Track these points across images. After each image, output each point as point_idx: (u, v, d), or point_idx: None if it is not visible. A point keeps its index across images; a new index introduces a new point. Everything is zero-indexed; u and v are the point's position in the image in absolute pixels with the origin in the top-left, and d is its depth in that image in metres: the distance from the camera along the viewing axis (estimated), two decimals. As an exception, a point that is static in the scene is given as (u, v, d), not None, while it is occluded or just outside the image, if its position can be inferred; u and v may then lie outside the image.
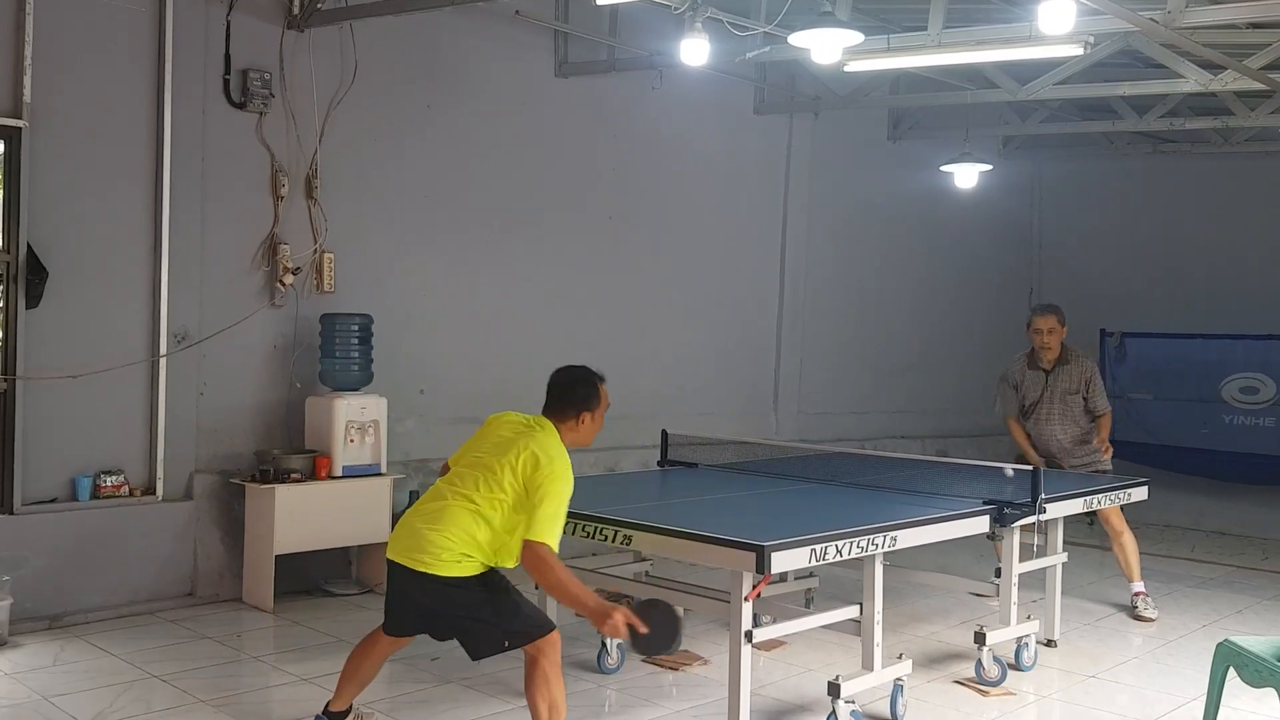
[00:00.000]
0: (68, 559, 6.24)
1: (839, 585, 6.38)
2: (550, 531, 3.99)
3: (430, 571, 4.08)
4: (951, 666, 5.88)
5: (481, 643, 4.22)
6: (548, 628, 4.22)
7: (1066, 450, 7.25)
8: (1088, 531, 9.84)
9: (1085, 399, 7.21)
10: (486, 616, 4.15)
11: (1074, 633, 6.64)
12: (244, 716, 4.98)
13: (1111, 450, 7.22)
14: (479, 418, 7.99)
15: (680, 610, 4.06)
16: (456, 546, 4.08)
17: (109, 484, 6.43)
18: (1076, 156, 12.16)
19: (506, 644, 4.18)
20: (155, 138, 6.60)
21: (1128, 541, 7.12)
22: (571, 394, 4.36)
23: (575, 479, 4.32)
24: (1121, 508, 6.92)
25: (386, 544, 6.97)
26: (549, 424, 4.32)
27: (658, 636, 3.96)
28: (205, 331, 6.77)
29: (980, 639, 5.54)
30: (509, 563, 4.17)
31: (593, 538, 4.71)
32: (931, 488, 5.67)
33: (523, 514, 4.04)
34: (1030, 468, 5.71)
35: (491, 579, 4.19)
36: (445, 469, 4.52)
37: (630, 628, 3.91)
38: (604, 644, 5.57)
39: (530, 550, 3.97)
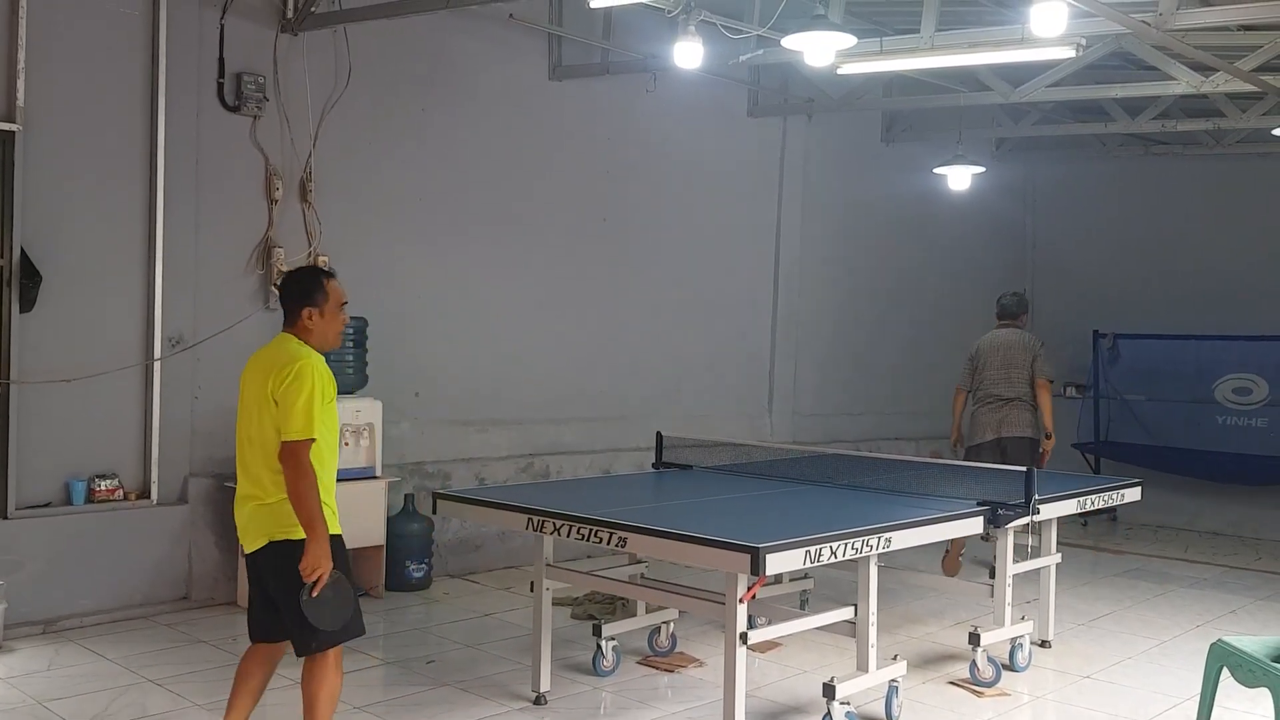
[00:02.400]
0: (62, 563, 6.23)
1: (834, 586, 6.39)
2: (306, 426, 3.83)
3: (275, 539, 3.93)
4: (946, 667, 5.89)
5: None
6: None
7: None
8: (1081, 532, 9.88)
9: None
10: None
11: (1068, 633, 6.66)
12: (239, 720, 4.97)
13: None
14: (474, 420, 8.15)
15: (351, 609, 3.90)
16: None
17: (103, 488, 6.42)
18: (1069, 158, 12.19)
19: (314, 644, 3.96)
20: (149, 141, 6.59)
21: None
22: (290, 293, 4.12)
23: (570, 480, 4.29)
24: (1115, 508, 6.97)
25: (377, 547, 7.07)
26: (289, 337, 4.10)
27: (324, 610, 3.82)
28: (200, 335, 6.77)
29: (975, 640, 5.56)
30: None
31: (588, 540, 4.71)
32: (925, 489, 5.68)
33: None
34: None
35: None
36: None
37: (313, 587, 3.79)
38: (599, 647, 5.57)
39: (286, 450, 3.83)
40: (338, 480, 6.76)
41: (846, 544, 4.48)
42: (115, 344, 6.52)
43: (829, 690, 4.70)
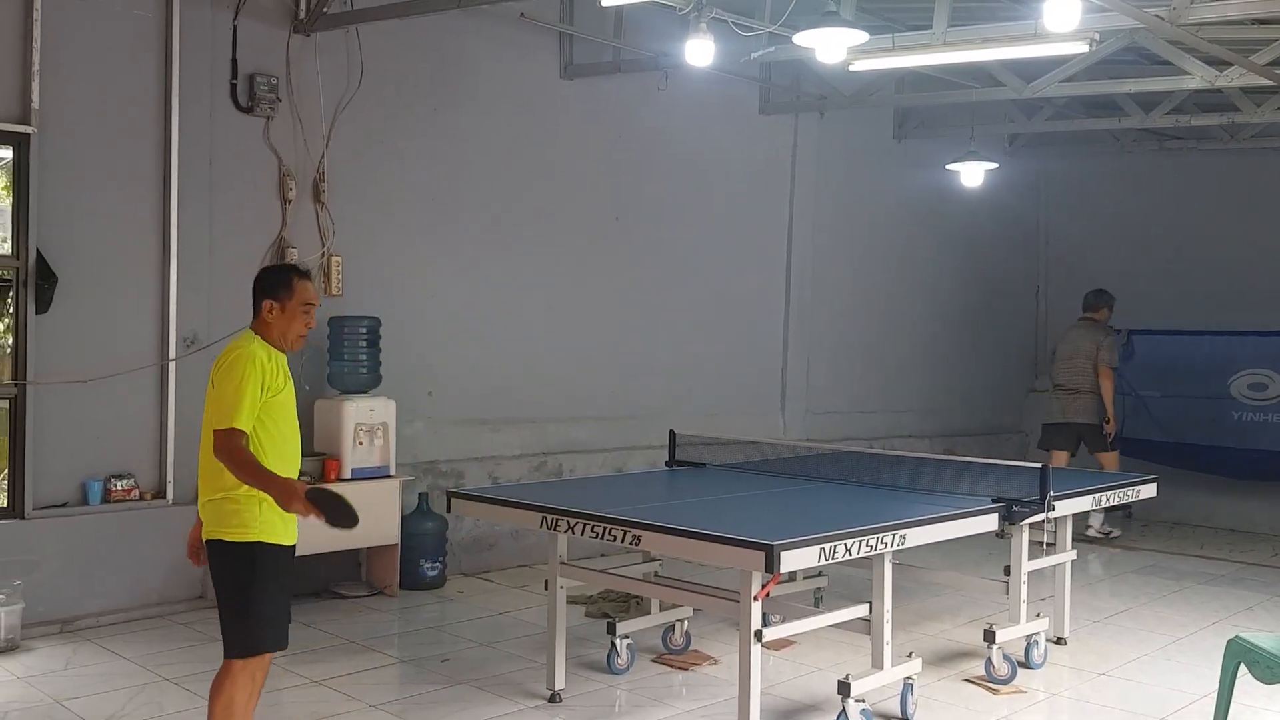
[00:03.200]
0: (79, 563, 6.26)
1: (848, 584, 6.38)
2: (232, 416, 3.80)
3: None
4: (961, 665, 5.88)
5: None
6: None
7: None
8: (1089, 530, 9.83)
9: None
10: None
11: (1084, 630, 6.63)
12: (255, 719, 4.98)
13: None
14: (487, 419, 8.16)
15: (345, 501, 3.85)
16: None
17: (119, 488, 6.45)
18: (1082, 154, 12.13)
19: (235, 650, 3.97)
20: (163, 142, 6.62)
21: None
22: (256, 285, 4.10)
23: (584, 479, 4.28)
24: (1131, 505, 7.02)
25: (391, 546, 7.08)
26: (247, 330, 4.07)
27: (338, 516, 3.81)
28: (214, 335, 6.78)
29: (990, 637, 5.55)
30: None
31: (601, 538, 4.71)
32: (939, 486, 5.67)
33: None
34: None
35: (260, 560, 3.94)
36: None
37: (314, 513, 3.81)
38: (613, 645, 5.58)
39: (218, 439, 3.81)
40: (353, 479, 6.93)
41: (861, 541, 4.48)
42: (130, 345, 6.55)
43: (844, 688, 4.69)
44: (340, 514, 3.80)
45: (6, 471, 6.23)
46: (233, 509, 3.88)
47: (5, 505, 6.20)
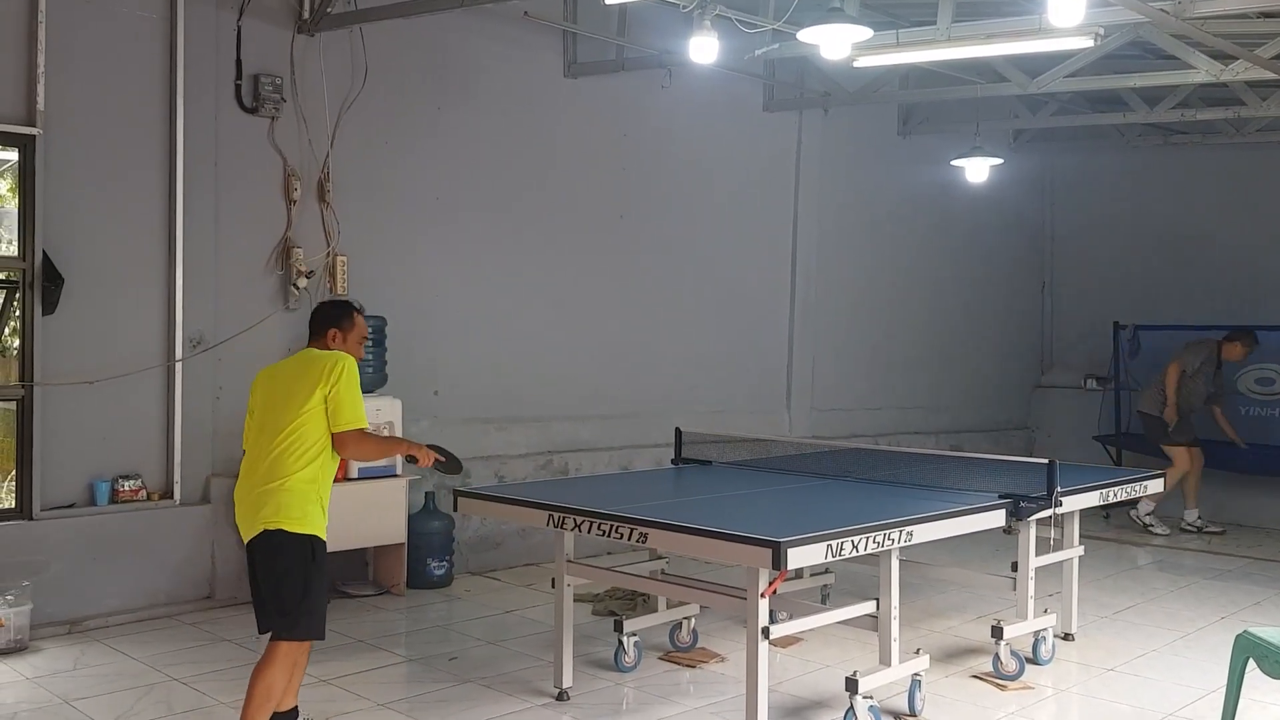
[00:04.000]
0: (86, 563, 6.28)
1: (855, 581, 6.38)
2: (358, 416, 4.26)
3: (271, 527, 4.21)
4: (969, 661, 5.87)
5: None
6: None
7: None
8: (1104, 525, 9.83)
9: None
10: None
11: (1091, 626, 6.63)
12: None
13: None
14: (493, 418, 8.17)
15: (454, 456, 4.66)
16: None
17: (126, 488, 6.47)
18: (1087, 149, 12.11)
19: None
20: (168, 143, 6.63)
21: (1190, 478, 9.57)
22: (322, 315, 4.56)
23: (590, 477, 4.38)
24: (1138, 500, 7.01)
25: (398, 545, 7.09)
26: (311, 348, 4.51)
27: (451, 463, 4.63)
28: (220, 335, 6.80)
29: (997, 633, 5.54)
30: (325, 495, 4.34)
31: (608, 536, 4.71)
32: (946, 482, 5.66)
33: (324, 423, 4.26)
34: None
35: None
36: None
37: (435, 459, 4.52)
38: (621, 643, 5.58)
39: (339, 440, 4.25)
40: (360, 478, 6.94)
41: (868, 538, 4.47)
42: (137, 345, 6.56)
43: (852, 684, 4.69)
44: (452, 464, 4.62)
45: (14, 473, 6.24)
46: (291, 500, 4.17)
47: (13, 506, 6.21)
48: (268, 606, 4.24)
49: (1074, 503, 5.85)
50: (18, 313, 6.25)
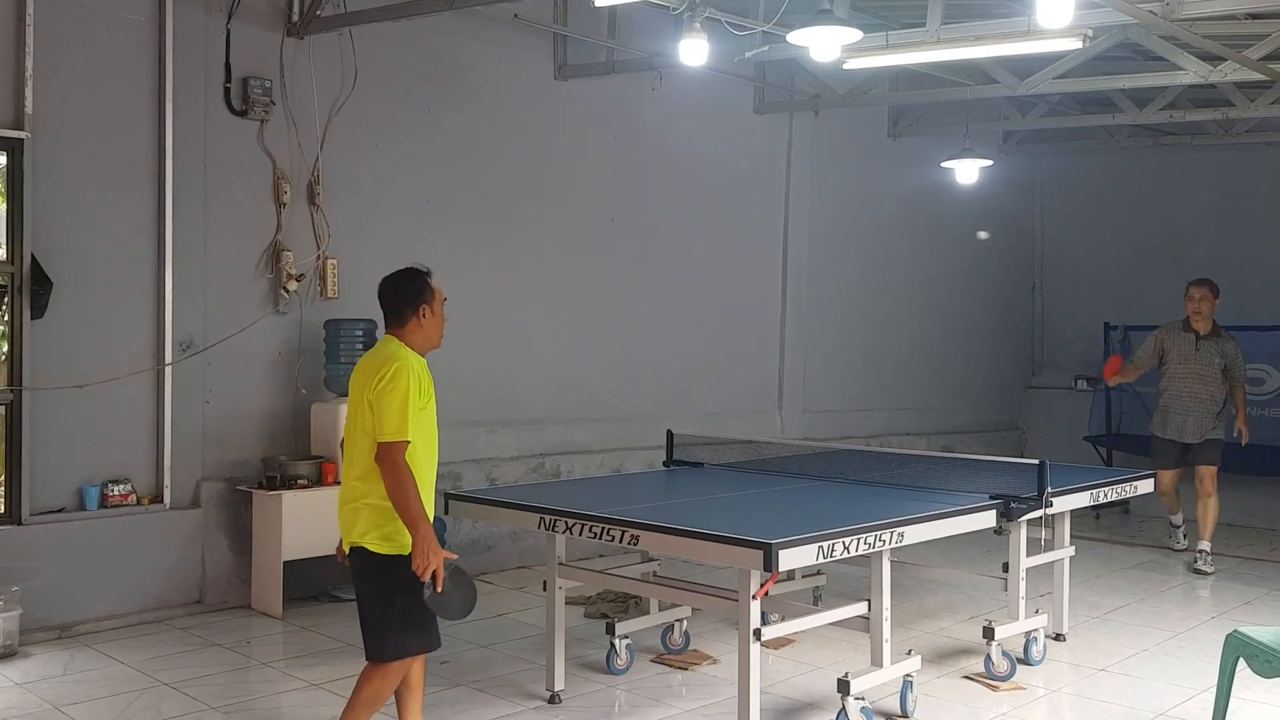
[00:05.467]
0: (76, 568, 6.25)
1: (847, 582, 6.38)
2: (398, 427, 3.89)
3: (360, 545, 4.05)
4: (961, 662, 5.88)
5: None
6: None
7: (1193, 409, 8.25)
8: (1094, 525, 9.85)
9: (1226, 370, 8.25)
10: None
11: (1082, 626, 6.64)
12: (255, 722, 4.99)
13: (1245, 431, 8.36)
14: (484, 420, 8.16)
15: (475, 593, 4.11)
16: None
17: (116, 493, 6.44)
18: (1077, 151, 12.15)
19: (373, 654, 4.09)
20: (157, 147, 6.61)
21: (1213, 505, 8.27)
22: (402, 294, 4.20)
23: (582, 480, 4.32)
24: (1128, 501, 7.05)
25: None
26: (391, 338, 4.18)
27: (449, 602, 3.98)
28: (210, 339, 6.78)
29: (989, 634, 5.55)
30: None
31: (599, 538, 4.71)
32: (937, 483, 5.67)
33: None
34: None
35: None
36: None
37: (432, 581, 3.90)
38: (613, 645, 5.57)
39: (381, 452, 3.90)
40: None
41: (859, 539, 4.48)
42: (126, 349, 6.54)
43: (844, 686, 4.69)
44: (456, 601, 3.98)
45: (3, 478, 6.21)
46: (377, 518, 3.97)
47: (2, 511, 6.18)
48: (365, 624, 4.09)
49: (1064, 503, 5.85)
50: (6, 317, 6.23)
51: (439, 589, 3.89)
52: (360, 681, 4.11)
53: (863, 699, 4.75)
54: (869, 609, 4.91)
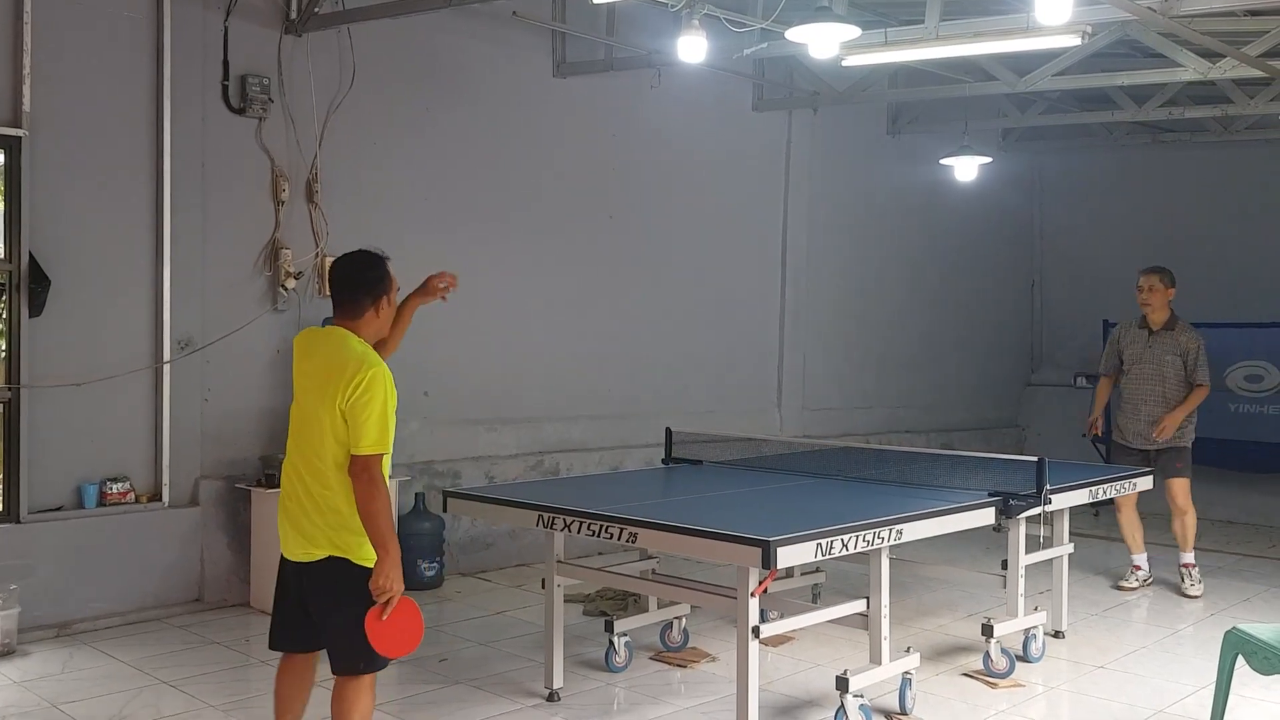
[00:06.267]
0: (74, 567, 6.25)
1: (845, 580, 6.38)
2: (378, 439, 3.66)
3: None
4: (960, 659, 5.88)
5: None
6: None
7: (1146, 415, 7.50)
8: (1093, 523, 9.84)
9: (1185, 368, 7.48)
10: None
11: (1081, 623, 6.64)
12: (253, 720, 4.98)
13: (1168, 428, 7.44)
14: (483, 419, 8.15)
15: (414, 646, 3.77)
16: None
17: (114, 491, 6.44)
18: (1076, 148, 12.14)
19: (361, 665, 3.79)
20: (155, 144, 6.60)
21: (1189, 521, 7.54)
22: (362, 283, 3.90)
23: (580, 477, 4.27)
24: (1125, 497, 7.03)
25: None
26: (346, 332, 3.86)
27: (388, 637, 3.66)
28: (208, 337, 6.78)
29: (988, 631, 5.55)
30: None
31: (598, 536, 4.70)
32: (936, 481, 5.66)
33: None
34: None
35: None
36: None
37: (380, 612, 3.63)
38: (611, 643, 5.57)
39: (359, 464, 3.64)
40: (349, 480, 6.88)
41: (858, 536, 4.47)
42: (124, 347, 6.53)
43: (842, 683, 4.69)
44: (399, 639, 3.67)
45: (1, 476, 6.20)
46: (360, 530, 3.70)
47: (1, 510, 6.18)
48: (336, 638, 3.78)
49: (1063, 500, 5.86)
50: (4, 315, 6.22)
51: (384, 617, 3.63)
52: (345, 707, 3.80)
53: (861, 696, 4.75)
54: (868, 606, 4.90)
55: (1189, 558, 7.56)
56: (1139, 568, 7.69)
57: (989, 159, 10.33)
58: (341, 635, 3.76)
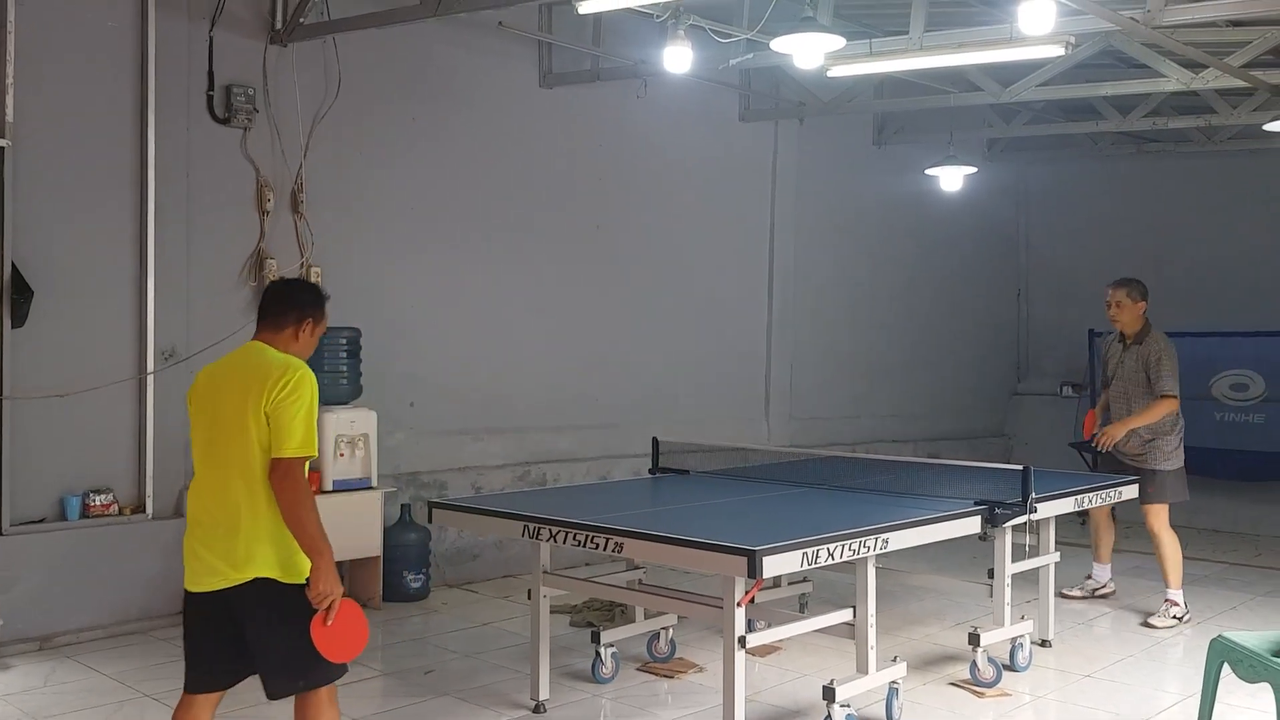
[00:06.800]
0: (57, 579, 6.20)
1: (833, 589, 6.37)
2: (303, 441, 3.53)
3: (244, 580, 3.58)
4: (946, 668, 5.87)
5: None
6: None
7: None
8: (1079, 531, 9.86)
9: (1149, 380, 7.10)
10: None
11: (1068, 632, 6.64)
12: (237, 733, 4.95)
13: (1110, 438, 7.10)
14: (470, 429, 8.13)
15: (362, 648, 3.65)
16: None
17: (98, 503, 6.39)
18: (1061, 158, 12.19)
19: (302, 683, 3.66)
20: (139, 154, 6.58)
21: (1166, 547, 7.05)
22: (291, 300, 3.79)
23: (567, 487, 4.23)
24: (1113, 506, 7.01)
25: (374, 558, 7.03)
26: (264, 346, 3.74)
27: (336, 643, 3.55)
28: (193, 348, 6.74)
29: (975, 640, 5.54)
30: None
31: (584, 546, 4.69)
32: (922, 489, 5.66)
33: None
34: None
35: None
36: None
37: (324, 618, 3.52)
38: (598, 654, 5.55)
39: (282, 468, 3.50)
40: (334, 491, 6.90)
41: (844, 545, 4.47)
42: (108, 358, 6.50)
43: (829, 693, 4.68)
44: (347, 642, 3.56)
45: (-17, 488, 6.16)
46: (288, 544, 3.56)
47: (-18, 522, 6.14)
48: (274, 661, 3.62)
49: (1049, 509, 5.87)
50: (-14, 326, 6.18)
51: (329, 623, 3.52)
52: None
53: (848, 706, 4.75)
54: (854, 616, 4.90)
55: (1171, 594, 6.99)
56: (1090, 577, 7.61)
57: (974, 169, 10.37)
58: (286, 655, 3.59)
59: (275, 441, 3.54)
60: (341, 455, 6.89)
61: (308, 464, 3.64)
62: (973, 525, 5.21)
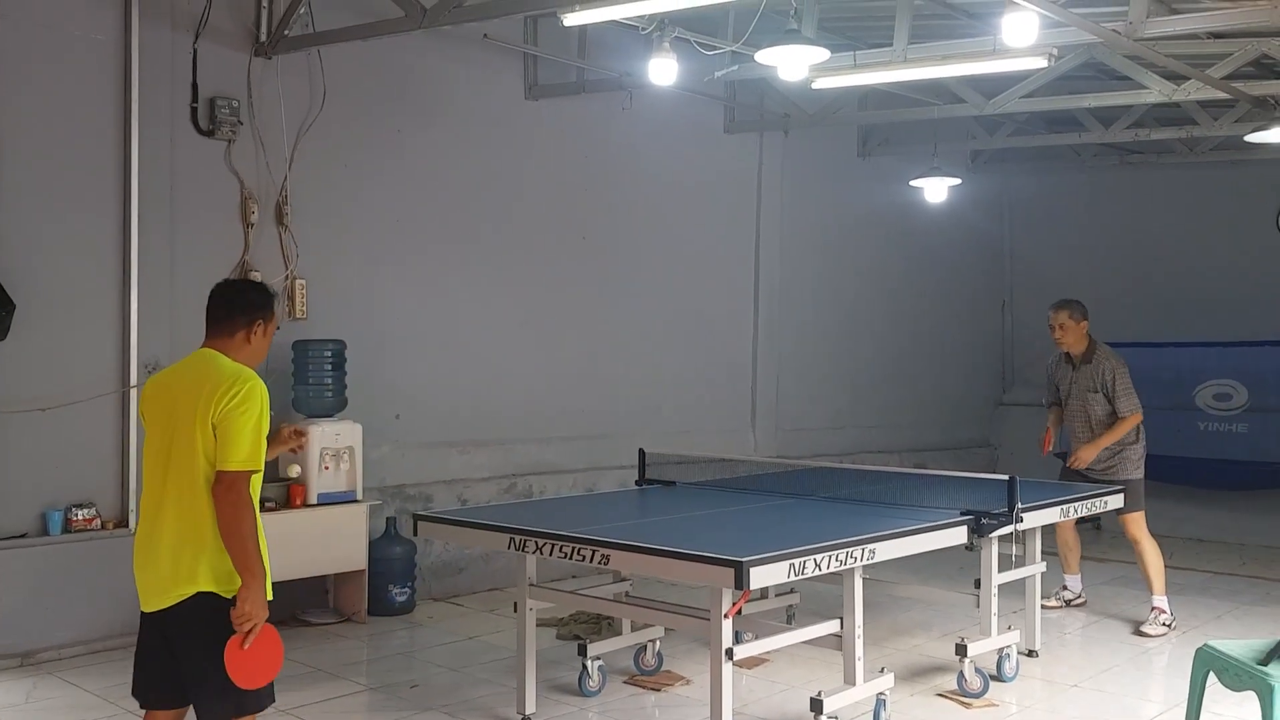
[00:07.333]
0: (40, 594, 6.15)
1: (820, 601, 6.35)
2: (250, 455, 3.43)
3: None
4: (934, 679, 5.87)
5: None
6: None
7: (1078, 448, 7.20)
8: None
9: (1109, 400, 7.13)
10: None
11: (1055, 642, 6.65)
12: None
13: (1083, 459, 7.15)
14: (456, 441, 8.11)
15: (274, 675, 3.53)
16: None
17: (80, 517, 6.34)
18: (1044, 169, 12.26)
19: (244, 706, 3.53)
20: (122, 167, 6.55)
21: (1147, 554, 7.11)
22: (240, 303, 3.69)
23: (553, 499, 4.21)
24: (1099, 517, 7.03)
25: (359, 572, 6.99)
26: (215, 353, 3.65)
27: (246, 668, 3.42)
28: (176, 360, 6.69)
29: (962, 651, 5.54)
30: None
31: (570, 558, 4.67)
32: (909, 500, 5.67)
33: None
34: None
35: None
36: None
37: (241, 640, 3.40)
38: (585, 667, 5.53)
39: (225, 482, 3.41)
40: (319, 504, 6.86)
41: (830, 556, 4.47)
42: (91, 371, 6.46)
43: (816, 705, 4.67)
44: (258, 668, 3.43)
45: (-36, 502, 6.11)
46: (225, 557, 3.46)
47: (-37, 537, 6.08)
48: (199, 682, 3.50)
49: (1035, 519, 5.87)
50: (-32, 339, 6.13)
51: (246, 646, 3.41)
52: None
53: (836, 718, 4.73)
54: (841, 627, 4.89)
55: (1157, 600, 7.03)
56: (1065, 588, 7.65)
57: (958, 180, 10.41)
58: (215, 679, 3.44)
59: (220, 453, 3.43)
60: (326, 468, 6.86)
61: (258, 479, 3.55)
62: (959, 535, 5.22)
